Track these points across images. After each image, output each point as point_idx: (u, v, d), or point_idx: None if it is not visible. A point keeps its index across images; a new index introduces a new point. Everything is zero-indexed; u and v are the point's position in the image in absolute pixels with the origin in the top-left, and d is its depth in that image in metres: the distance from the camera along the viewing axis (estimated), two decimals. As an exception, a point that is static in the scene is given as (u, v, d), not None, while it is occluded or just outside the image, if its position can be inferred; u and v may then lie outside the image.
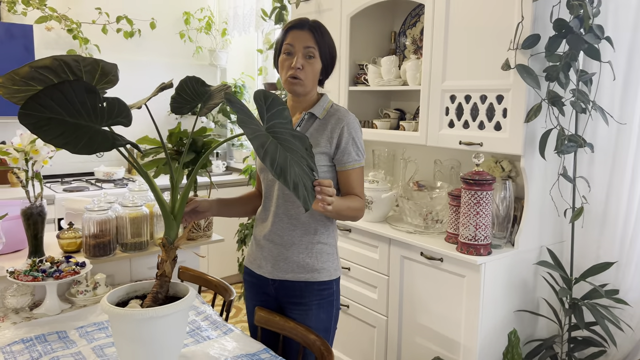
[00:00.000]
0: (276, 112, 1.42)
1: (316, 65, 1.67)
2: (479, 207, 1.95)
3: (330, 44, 1.70)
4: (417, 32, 2.80)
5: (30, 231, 1.97)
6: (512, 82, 1.98)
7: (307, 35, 1.65)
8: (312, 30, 1.65)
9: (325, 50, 1.68)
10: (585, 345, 2.05)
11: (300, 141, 1.43)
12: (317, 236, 1.67)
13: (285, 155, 1.34)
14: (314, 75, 1.68)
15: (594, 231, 2.13)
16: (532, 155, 2.02)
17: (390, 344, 2.34)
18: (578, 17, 1.80)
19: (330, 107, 1.72)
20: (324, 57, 1.68)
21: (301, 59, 1.64)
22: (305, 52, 1.64)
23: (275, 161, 1.30)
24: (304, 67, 1.64)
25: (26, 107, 1.32)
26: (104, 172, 3.87)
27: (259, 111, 1.39)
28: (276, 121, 1.41)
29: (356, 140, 1.67)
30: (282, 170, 1.30)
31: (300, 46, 1.64)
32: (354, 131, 1.68)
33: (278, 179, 1.28)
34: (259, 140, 1.31)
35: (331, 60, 1.72)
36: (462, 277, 2.02)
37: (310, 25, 1.66)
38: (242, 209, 1.89)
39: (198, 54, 4.44)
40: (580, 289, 2.10)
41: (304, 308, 1.67)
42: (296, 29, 1.66)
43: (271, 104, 1.42)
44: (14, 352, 1.54)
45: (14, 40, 3.39)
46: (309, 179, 1.37)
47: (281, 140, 1.38)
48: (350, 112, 1.71)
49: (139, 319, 1.38)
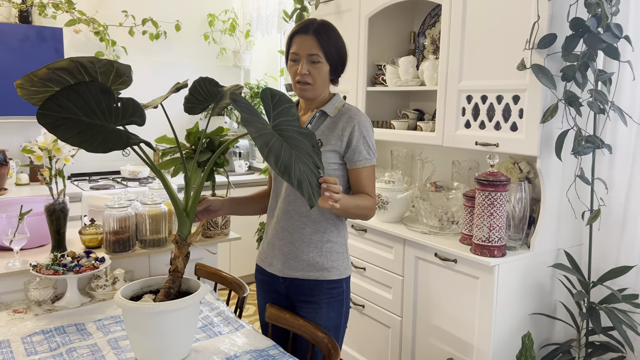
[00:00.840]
0: (283, 110, 1.44)
1: (323, 68, 1.66)
2: (493, 209, 1.93)
3: (337, 43, 1.69)
4: (437, 32, 2.79)
5: (53, 226, 2.04)
6: (529, 82, 1.96)
7: (310, 40, 1.64)
8: (315, 35, 1.64)
9: (331, 51, 1.66)
10: (603, 350, 2.01)
11: (307, 138, 1.45)
12: (327, 234, 1.69)
13: (291, 153, 1.35)
14: (322, 78, 1.68)
15: (614, 234, 2.09)
16: (548, 157, 1.99)
17: (405, 344, 2.34)
18: (595, 16, 1.77)
19: (342, 106, 1.73)
20: (331, 59, 1.67)
21: (306, 65, 1.65)
22: (309, 58, 1.64)
23: (280, 159, 1.32)
24: (310, 72, 1.65)
25: (44, 107, 1.38)
26: (130, 171, 3.97)
27: (265, 109, 1.42)
28: (283, 119, 1.43)
29: (367, 139, 1.68)
30: (287, 168, 1.32)
31: (305, 53, 1.64)
32: (365, 130, 1.68)
33: (282, 177, 1.30)
34: (262, 139, 1.33)
35: (339, 60, 1.70)
36: (475, 278, 2.01)
37: (315, 29, 1.65)
38: (253, 207, 1.92)
39: (222, 55, 4.50)
40: (599, 293, 2.06)
41: (313, 306, 1.69)
42: (300, 34, 1.66)
43: (277, 102, 1.45)
44: (34, 342, 1.61)
45: (45, 43, 3.52)
46: (314, 176, 1.39)
47: (287, 137, 1.39)
48: (362, 112, 1.72)
49: (150, 312, 1.42)
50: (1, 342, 1.60)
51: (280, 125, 1.41)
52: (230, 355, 1.54)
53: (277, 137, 1.36)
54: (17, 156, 3.77)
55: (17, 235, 1.95)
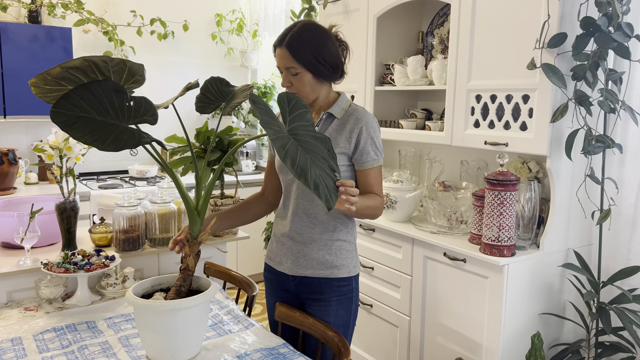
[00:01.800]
0: (298, 115, 1.45)
1: (304, 77, 1.65)
2: (503, 208, 1.93)
3: (314, 48, 1.63)
4: (445, 31, 2.79)
5: (64, 225, 2.06)
6: (539, 81, 1.96)
7: (284, 53, 1.64)
8: (288, 47, 1.63)
9: (307, 60, 1.63)
10: (613, 350, 2.00)
11: (322, 143, 1.45)
12: (336, 233, 1.70)
13: (306, 157, 1.36)
14: (306, 86, 1.66)
15: (624, 234, 2.08)
16: (558, 156, 1.99)
17: (413, 344, 2.34)
18: (606, 15, 1.76)
19: (348, 107, 1.73)
20: (309, 66, 1.64)
21: (287, 77, 1.66)
22: (288, 71, 1.66)
23: (296, 162, 1.33)
24: (293, 83, 1.66)
25: (58, 105, 1.39)
26: (138, 170, 3.99)
27: (282, 113, 1.42)
28: (298, 123, 1.44)
29: (375, 140, 1.68)
30: (303, 171, 1.33)
31: (282, 66, 1.66)
32: (373, 131, 1.69)
33: (299, 179, 1.31)
34: (280, 141, 1.34)
35: (320, 63, 1.65)
36: (485, 278, 2.00)
37: (287, 41, 1.63)
38: (238, 219, 1.88)
39: (230, 55, 4.51)
40: (609, 293, 2.06)
41: (323, 304, 1.69)
42: (277, 47, 1.67)
43: (294, 107, 1.45)
44: (46, 340, 1.62)
45: (54, 42, 3.54)
46: (331, 179, 1.40)
47: (302, 142, 1.40)
48: (369, 112, 1.72)
49: (161, 310, 1.43)
50: (13, 339, 1.61)
51: (295, 130, 1.41)
52: (241, 354, 1.55)
53: (293, 141, 1.36)
54: (26, 155, 3.80)
55: (28, 234, 1.97)
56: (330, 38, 1.67)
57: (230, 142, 2.23)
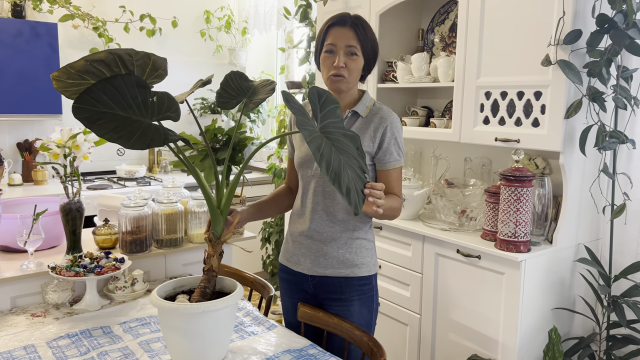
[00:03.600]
0: (329, 111, 1.42)
1: (359, 62, 1.66)
2: (520, 204, 1.94)
3: (372, 38, 1.69)
4: (446, 29, 2.79)
5: (69, 227, 1.98)
6: (552, 77, 1.97)
7: (349, 32, 1.63)
8: (354, 27, 1.64)
9: (368, 46, 1.67)
10: (624, 343, 2.03)
11: (352, 141, 1.42)
12: (356, 232, 1.67)
13: (339, 159, 1.33)
14: (357, 72, 1.67)
15: (633, 229, 2.11)
16: (571, 152, 2.00)
17: (424, 342, 2.33)
18: (622, 12, 1.78)
19: (372, 106, 1.71)
20: (367, 53, 1.67)
21: (343, 58, 1.63)
22: (347, 50, 1.63)
23: (331, 165, 1.29)
24: (347, 65, 1.64)
25: (80, 101, 1.32)
26: (126, 171, 3.88)
27: (313, 109, 1.38)
28: (329, 120, 1.41)
29: (398, 140, 1.68)
30: (337, 175, 1.30)
31: (342, 44, 1.63)
32: (397, 131, 1.68)
33: (332, 184, 1.28)
34: (315, 142, 1.30)
35: (374, 55, 1.71)
36: (501, 274, 2.01)
37: (352, 21, 1.65)
38: (275, 209, 1.88)
39: (218, 52, 4.44)
40: (617, 287, 2.09)
41: (345, 304, 1.66)
42: (337, 25, 1.65)
43: (324, 103, 1.41)
44: (61, 347, 1.55)
45: (39, 38, 3.41)
46: (361, 181, 1.37)
47: (334, 141, 1.37)
48: (393, 112, 1.71)
49: (192, 312, 1.38)
50: (26, 347, 1.54)
51: (327, 127, 1.38)
52: (270, 356, 1.51)
53: (326, 141, 1.33)
54: (9, 156, 3.65)
55: (32, 236, 1.88)
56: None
57: (240, 139, 2.18)
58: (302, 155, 1.72)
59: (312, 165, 1.69)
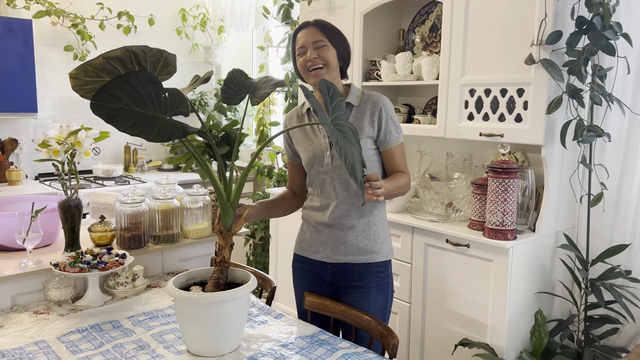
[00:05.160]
0: (337, 104, 1.49)
1: (330, 50, 1.75)
2: (506, 194, 2.06)
3: (336, 32, 1.79)
4: (426, 29, 2.90)
5: (68, 224, 1.97)
6: (533, 75, 2.09)
7: (312, 30, 1.76)
8: (316, 25, 1.77)
9: (334, 37, 1.77)
10: (601, 323, 2.18)
11: (354, 134, 1.50)
12: (372, 218, 1.76)
13: (352, 152, 1.41)
14: (332, 59, 1.75)
15: (607, 216, 2.27)
16: (552, 145, 2.14)
17: (414, 329, 2.43)
18: (599, 15, 1.92)
19: (361, 94, 1.81)
20: (335, 44, 1.76)
21: (314, 51, 1.73)
22: (315, 45, 1.74)
23: (347, 158, 1.37)
24: (319, 55, 1.73)
25: (97, 98, 1.34)
26: (103, 170, 3.83)
27: (324, 101, 1.45)
28: (338, 113, 1.48)
29: (393, 119, 1.79)
30: (353, 169, 1.38)
31: (310, 41, 1.74)
32: (390, 110, 1.79)
33: (350, 176, 1.37)
34: (334, 136, 1.38)
35: (343, 46, 1.80)
36: (489, 261, 2.12)
37: (314, 22, 1.78)
38: (281, 210, 1.95)
39: (194, 51, 4.43)
40: (594, 271, 2.23)
41: (363, 290, 1.74)
42: (302, 29, 1.78)
43: (333, 95, 1.48)
44: (73, 341, 1.55)
45: (14, 35, 3.33)
46: (360, 172, 1.45)
47: (345, 133, 1.44)
48: (382, 94, 1.80)
49: (211, 302, 1.42)
50: (37, 342, 1.54)
51: (337, 120, 1.45)
52: (284, 342, 1.56)
53: (340, 135, 1.40)
54: (-19, 155, 3.55)
55: (30, 234, 1.87)
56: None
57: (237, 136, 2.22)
58: (311, 155, 1.79)
59: (323, 162, 1.76)
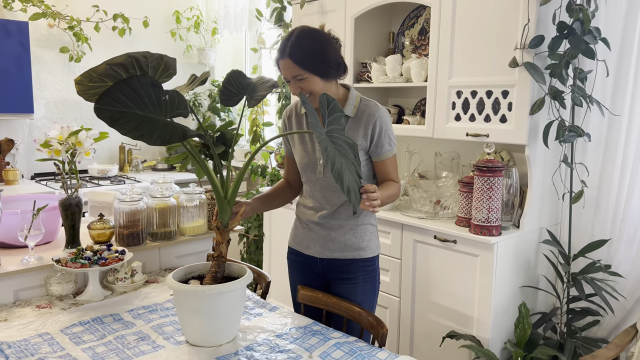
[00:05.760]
0: (335, 118, 1.55)
1: (311, 81, 1.72)
2: (492, 192, 2.14)
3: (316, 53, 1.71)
4: (415, 32, 2.99)
5: (68, 221, 2.03)
6: (517, 78, 2.18)
7: (288, 63, 1.71)
8: (290, 57, 1.70)
9: (312, 64, 1.70)
10: (583, 315, 2.28)
11: (351, 149, 1.57)
12: (360, 218, 1.83)
13: (341, 161, 1.48)
14: (316, 86, 1.74)
15: (588, 213, 2.36)
16: (535, 145, 2.23)
17: (403, 323, 2.51)
18: (579, 20, 2.01)
19: (359, 103, 1.83)
20: (315, 70, 1.72)
21: (295, 85, 1.74)
22: (295, 79, 1.73)
23: (335, 165, 1.44)
24: (303, 88, 1.74)
25: (100, 102, 1.41)
26: (99, 170, 3.89)
27: (322, 114, 1.52)
28: (334, 126, 1.54)
29: (388, 132, 1.83)
30: (339, 175, 1.44)
31: (289, 76, 1.74)
32: (385, 124, 1.82)
33: (336, 182, 1.42)
34: (324, 143, 1.44)
35: (326, 64, 1.73)
36: (475, 256, 2.21)
37: (289, 50, 1.70)
38: (277, 203, 2.02)
39: (188, 52, 4.49)
40: (575, 266, 2.33)
41: (351, 282, 1.82)
42: (280, 59, 1.74)
43: (332, 110, 1.55)
44: (76, 333, 1.62)
45: (10, 37, 3.38)
46: (357, 185, 1.53)
47: (337, 145, 1.51)
48: (380, 105, 1.85)
49: (210, 294, 1.49)
50: (41, 334, 1.60)
51: (331, 132, 1.52)
52: (279, 333, 1.63)
53: (331, 145, 1.47)
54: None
55: (32, 231, 1.93)
56: (328, 39, 1.76)
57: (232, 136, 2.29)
58: (305, 161, 1.85)
59: (316, 170, 1.83)
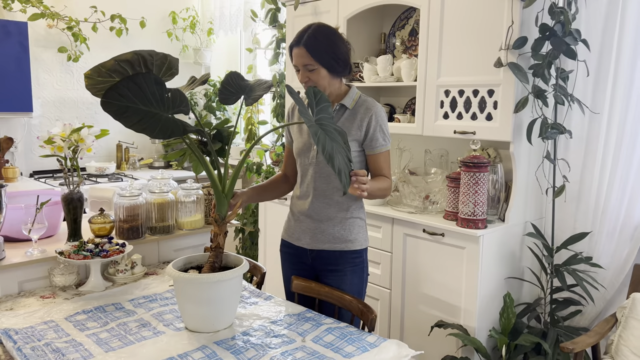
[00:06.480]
0: (323, 108, 1.65)
1: (320, 72, 1.84)
2: (477, 187, 2.24)
3: (328, 47, 1.83)
4: (406, 33, 3.08)
5: (70, 215, 2.11)
6: (502, 78, 2.28)
7: (302, 52, 1.83)
8: (305, 46, 1.82)
9: (323, 57, 1.82)
10: (565, 305, 2.37)
11: (341, 135, 1.66)
12: (349, 212, 1.91)
13: (332, 145, 1.57)
14: (322, 79, 1.85)
15: (571, 206, 2.46)
16: (519, 142, 2.32)
17: (394, 314, 2.60)
18: (560, 22, 2.11)
19: (358, 98, 1.94)
20: (325, 63, 1.83)
21: (304, 74, 1.85)
22: (305, 68, 1.84)
23: (325, 148, 1.53)
24: (310, 78, 1.85)
25: (107, 96, 1.49)
26: (97, 167, 3.96)
27: (310, 105, 1.62)
28: (323, 115, 1.64)
29: (383, 128, 1.92)
30: (330, 157, 1.54)
31: (300, 64, 1.85)
32: (381, 119, 1.92)
33: (327, 163, 1.51)
34: (314, 127, 1.54)
35: (335, 61, 1.85)
36: (462, 249, 2.30)
37: (304, 40, 1.82)
38: (272, 194, 2.12)
39: (184, 52, 4.57)
40: (558, 257, 2.42)
41: (339, 274, 1.91)
42: (294, 46, 1.86)
43: (319, 100, 1.65)
44: (80, 320, 1.70)
45: (10, 37, 3.44)
46: (347, 168, 1.62)
47: (327, 131, 1.61)
48: (377, 102, 1.95)
49: (208, 282, 1.58)
50: (47, 322, 1.68)
51: (321, 120, 1.61)
52: (274, 319, 1.72)
53: (320, 130, 1.56)
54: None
55: (36, 225, 2.00)
56: (340, 38, 1.89)
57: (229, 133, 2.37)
58: (300, 145, 1.94)
59: (309, 154, 1.92)
